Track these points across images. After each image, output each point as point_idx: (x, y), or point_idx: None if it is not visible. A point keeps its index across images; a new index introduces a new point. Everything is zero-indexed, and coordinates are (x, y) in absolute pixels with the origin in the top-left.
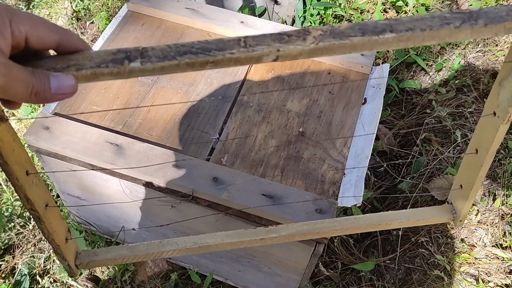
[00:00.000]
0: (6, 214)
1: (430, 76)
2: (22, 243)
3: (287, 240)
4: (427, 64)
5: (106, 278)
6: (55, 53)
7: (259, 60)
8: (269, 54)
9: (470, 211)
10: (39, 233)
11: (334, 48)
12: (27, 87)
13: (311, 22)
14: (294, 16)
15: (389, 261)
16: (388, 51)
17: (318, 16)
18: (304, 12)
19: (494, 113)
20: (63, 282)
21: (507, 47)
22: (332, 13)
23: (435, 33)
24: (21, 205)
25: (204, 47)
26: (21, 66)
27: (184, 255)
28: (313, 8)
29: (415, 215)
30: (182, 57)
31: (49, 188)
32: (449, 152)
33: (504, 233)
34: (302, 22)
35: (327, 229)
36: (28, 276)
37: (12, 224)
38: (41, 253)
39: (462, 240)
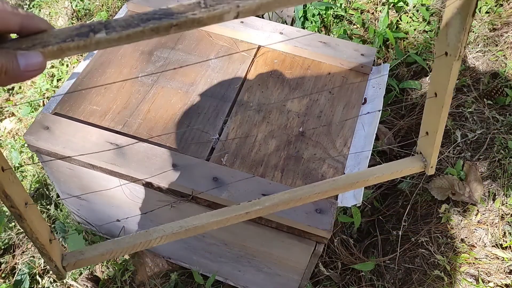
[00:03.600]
0: (7, 213)
1: (430, 76)
2: (22, 243)
3: (271, 211)
4: (427, 64)
5: (106, 278)
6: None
7: (221, 18)
8: (230, 11)
9: (470, 211)
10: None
11: None
12: None
13: (312, 22)
14: (294, 16)
15: (389, 261)
16: (388, 51)
17: (318, 16)
18: (304, 12)
19: (446, 53)
20: (63, 282)
21: (507, 47)
22: (333, 13)
23: None
24: None
25: (166, 12)
26: None
27: (172, 240)
28: (314, 8)
29: (389, 169)
30: (146, 23)
31: (52, 188)
32: (449, 152)
33: (504, 233)
34: (303, 22)
35: (308, 194)
36: (28, 276)
37: (13, 223)
38: None
39: (462, 240)
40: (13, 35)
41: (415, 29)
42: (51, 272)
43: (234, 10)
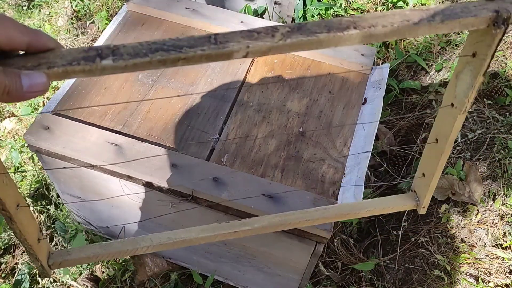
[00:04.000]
0: None
1: (430, 76)
2: None
3: (260, 232)
4: (427, 64)
5: (106, 278)
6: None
7: (229, 56)
8: (239, 51)
9: (470, 211)
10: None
11: (302, 44)
12: None
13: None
14: (294, 16)
15: (389, 261)
16: (388, 51)
17: (318, 16)
18: (304, 12)
19: (452, 104)
20: (63, 282)
21: (507, 47)
22: (333, 14)
23: (395, 29)
24: None
25: (175, 44)
26: None
27: (159, 250)
28: (314, 8)
29: (381, 204)
30: (154, 54)
31: (52, 188)
32: None
33: (504, 233)
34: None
35: (298, 220)
36: (28, 276)
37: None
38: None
39: (462, 240)
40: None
41: None
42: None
43: (243, 50)
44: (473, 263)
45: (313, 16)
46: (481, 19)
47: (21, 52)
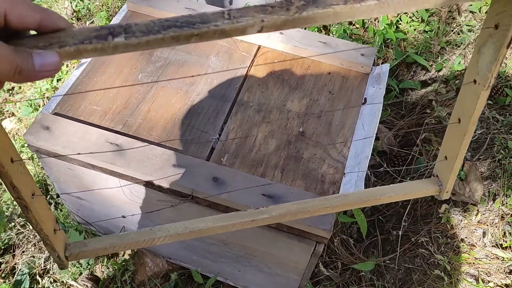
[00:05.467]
0: (6, 213)
1: (430, 76)
2: (22, 243)
3: (278, 221)
4: (427, 63)
5: (106, 278)
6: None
7: (244, 31)
8: (254, 25)
9: (470, 211)
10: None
11: (317, 17)
12: (11, 65)
13: None
14: None
15: (389, 261)
16: (388, 51)
17: None
18: None
19: (475, 81)
20: (63, 282)
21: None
22: None
23: None
24: None
25: (188, 20)
26: (3, 43)
27: (176, 240)
28: None
29: (403, 189)
30: (167, 31)
31: (52, 188)
32: None
33: (504, 233)
34: None
35: (317, 207)
36: (28, 276)
37: (13, 223)
38: (41, 253)
39: (462, 240)
40: (32, 32)
41: (415, 29)
42: (51, 272)
43: (258, 24)
44: (473, 263)
45: None
46: None
47: (32, 33)
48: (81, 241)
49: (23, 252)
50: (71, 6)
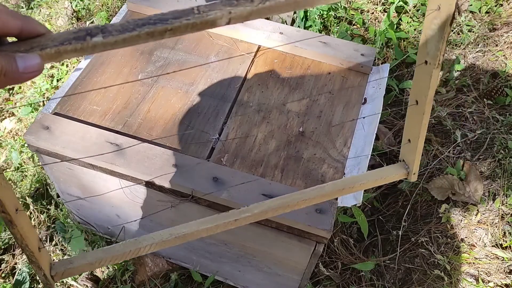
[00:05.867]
0: None
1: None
2: None
3: (260, 218)
4: None
5: (106, 278)
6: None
7: (213, 24)
8: (222, 17)
9: (470, 211)
10: (39, 232)
11: (280, 6)
12: None
13: (314, 22)
14: (295, 17)
15: (389, 261)
16: (388, 51)
17: (319, 17)
18: (305, 12)
19: (426, 62)
20: (63, 282)
21: (507, 47)
22: (334, 14)
23: None
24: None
25: (161, 17)
26: None
27: (162, 248)
28: (316, 9)
29: (373, 176)
30: (142, 28)
31: (52, 188)
32: (449, 152)
33: (504, 233)
34: (305, 23)
35: (296, 200)
36: (28, 276)
37: None
38: None
39: (462, 240)
40: (12, 38)
41: (415, 29)
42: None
43: (226, 16)
44: (473, 263)
45: (314, 20)
46: None
47: (13, 39)
48: (65, 259)
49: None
50: (71, 6)
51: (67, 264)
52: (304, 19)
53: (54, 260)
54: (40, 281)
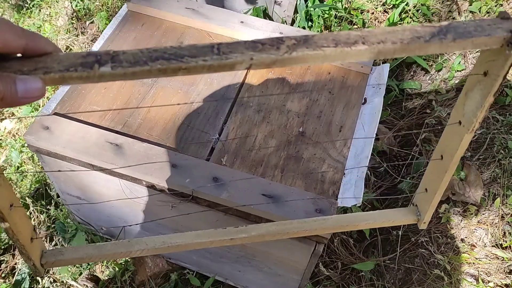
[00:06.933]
0: None
1: (430, 76)
2: None
3: (256, 241)
4: (427, 64)
5: (106, 278)
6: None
7: (232, 67)
8: (243, 63)
9: (470, 211)
10: (39, 232)
11: (307, 58)
12: None
13: (315, 23)
14: (296, 17)
15: (389, 261)
16: None
17: (321, 17)
18: (306, 13)
19: (460, 122)
20: (63, 282)
21: None
22: (335, 14)
23: (405, 46)
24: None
25: (177, 53)
26: None
27: (153, 254)
28: (314, 9)
29: (381, 217)
30: (154, 63)
31: (52, 188)
32: None
33: (504, 233)
34: (306, 23)
35: (296, 229)
36: (28, 276)
37: None
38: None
39: (462, 240)
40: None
41: None
42: (51, 272)
43: (247, 62)
44: (473, 263)
45: (315, 22)
46: (495, 38)
47: (19, 55)
48: (57, 249)
49: None
50: (71, 6)
51: (58, 255)
52: (305, 19)
53: (47, 248)
54: (29, 269)
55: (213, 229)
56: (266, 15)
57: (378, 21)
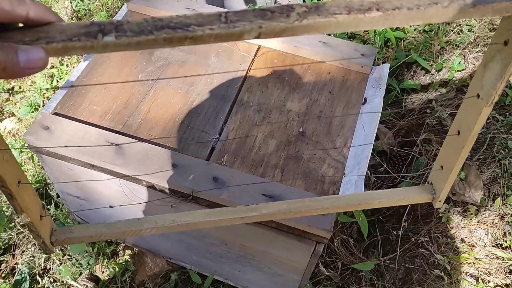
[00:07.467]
0: (7, 213)
1: (430, 76)
2: (23, 242)
3: (267, 219)
4: (427, 64)
5: (106, 278)
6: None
7: (240, 37)
8: (251, 31)
9: (470, 211)
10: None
11: (319, 26)
12: None
13: None
14: None
15: (389, 261)
16: (388, 51)
17: None
18: None
19: (478, 95)
20: (63, 282)
21: None
22: None
23: (422, 12)
24: None
25: (182, 22)
26: None
27: (163, 232)
28: None
29: (395, 195)
30: (160, 32)
31: (52, 188)
32: None
33: (504, 233)
34: None
35: (307, 208)
36: (28, 276)
37: (13, 223)
38: (41, 253)
39: (462, 240)
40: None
41: (415, 29)
42: (51, 272)
43: (255, 30)
44: (473, 263)
45: None
46: None
47: (20, 25)
48: (67, 227)
49: (23, 252)
50: (71, 6)
51: (68, 233)
52: None
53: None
54: (39, 247)
55: (224, 208)
56: None
57: None
